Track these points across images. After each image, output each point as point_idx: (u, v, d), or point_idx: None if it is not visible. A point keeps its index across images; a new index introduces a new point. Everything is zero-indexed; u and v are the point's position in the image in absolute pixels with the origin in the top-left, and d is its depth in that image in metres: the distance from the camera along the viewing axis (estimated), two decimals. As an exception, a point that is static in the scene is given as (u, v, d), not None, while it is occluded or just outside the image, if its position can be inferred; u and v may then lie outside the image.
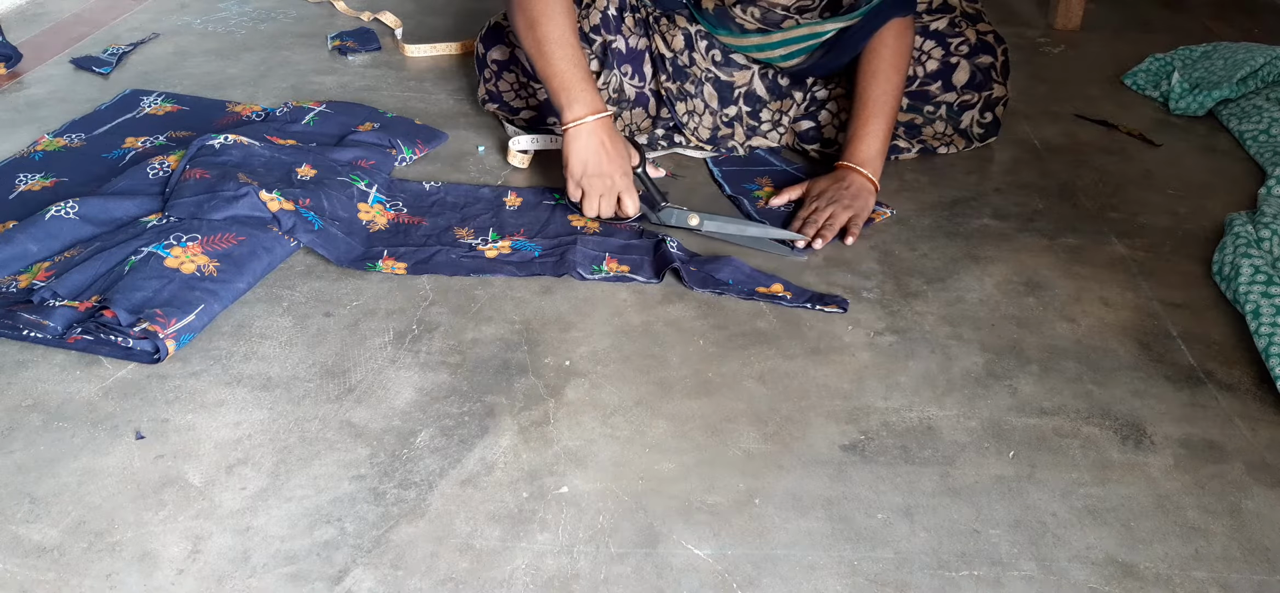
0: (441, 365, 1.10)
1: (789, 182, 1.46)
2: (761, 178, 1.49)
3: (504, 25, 1.54)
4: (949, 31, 1.53)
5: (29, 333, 1.11)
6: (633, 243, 1.31)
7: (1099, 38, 2.09)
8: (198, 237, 1.20)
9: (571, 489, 0.94)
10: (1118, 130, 1.67)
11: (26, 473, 0.95)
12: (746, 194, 1.44)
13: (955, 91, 1.54)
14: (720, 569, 0.86)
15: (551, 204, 1.41)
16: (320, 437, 1.00)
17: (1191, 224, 1.39)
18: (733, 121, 1.56)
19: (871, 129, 1.39)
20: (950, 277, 1.26)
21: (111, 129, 1.60)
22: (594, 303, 1.21)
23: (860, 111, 1.41)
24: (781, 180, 1.47)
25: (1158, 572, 0.86)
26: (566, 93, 1.32)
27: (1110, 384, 1.08)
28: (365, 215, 1.35)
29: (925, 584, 0.85)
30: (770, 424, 1.02)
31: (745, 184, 1.46)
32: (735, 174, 1.49)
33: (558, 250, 1.29)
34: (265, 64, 1.90)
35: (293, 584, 0.84)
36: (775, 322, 1.18)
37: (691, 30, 1.53)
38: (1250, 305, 1.16)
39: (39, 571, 0.85)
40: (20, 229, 1.23)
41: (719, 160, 1.54)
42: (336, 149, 1.47)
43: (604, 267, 1.26)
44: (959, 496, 0.94)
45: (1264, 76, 1.71)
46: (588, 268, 1.25)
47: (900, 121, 1.54)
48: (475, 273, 1.24)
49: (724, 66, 1.54)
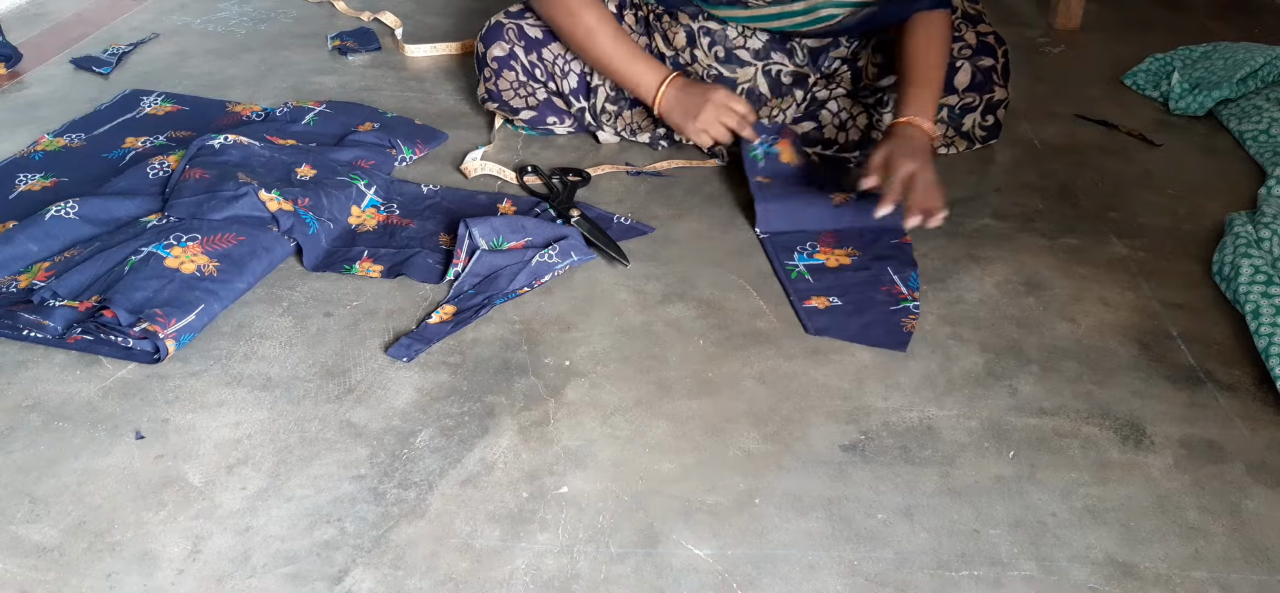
0: (441, 366, 1.10)
1: (835, 240, 1.32)
2: (810, 243, 1.32)
3: (505, 23, 1.54)
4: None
5: (29, 333, 1.11)
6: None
7: (1099, 38, 2.09)
8: (198, 237, 1.20)
9: (571, 489, 0.94)
10: (1118, 130, 1.67)
11: (26, 473, 0.95)
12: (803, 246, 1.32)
13: (957, 94, 1.54)
14: (720, 569, 0.86)
15: (543, 214, 1.38)
16: (320, 437, 1.00)
17: (1191, 224, 1.39)
18: None
19: (926, 93, 1.38)
20: (950, 277, 1.26)
21: (111, 129, 1.60)
22: (594, 303, 1.21)
23: (913, 80, 1.39)
24: (831, 240, 1.32)
25: (1158, 572, 0.86)
26: (632, 83, 1.48)
27: (1110, 384, 1.08)
28: (355, 218, 1.35)
29: (925, 584, 0.85)
30: (770, 424, 1.02)
31: (797, 255, 1.29)
32: (786, 245, 1.31)
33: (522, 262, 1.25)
34: (265, 64, 1.90)
35: (293, 584, 0.84)
36: (775, 322, 1.18)
37: (694, 27, 1.53)
38: (1250, 305, 1.16)
39: (39, 571, 0.85)
40: (20, 229, 1.23)
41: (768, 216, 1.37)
42: (336, 149, 1.47)
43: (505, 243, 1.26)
44: (959, 496, 0.94)
45: (1264, 76, 1.71)
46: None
47: None
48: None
49: (727, 63, 1.54)
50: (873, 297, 1.20)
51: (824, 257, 1.27)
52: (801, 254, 1.28)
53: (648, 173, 1.50)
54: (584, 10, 1.45)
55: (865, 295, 1.20)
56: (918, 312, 1.17)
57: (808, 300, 1.19)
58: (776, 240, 1.31)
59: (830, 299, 1.20)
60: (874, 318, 1.16)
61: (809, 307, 1.18)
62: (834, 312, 1.18)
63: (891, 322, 1.16)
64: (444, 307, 1.17)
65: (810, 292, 1.21)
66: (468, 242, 1.25)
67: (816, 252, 1.28)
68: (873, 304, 1.19)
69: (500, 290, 1.20)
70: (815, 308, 1.18)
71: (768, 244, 1.31)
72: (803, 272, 1.25)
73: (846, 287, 1.22)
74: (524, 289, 1.21)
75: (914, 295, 1.21)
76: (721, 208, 1.42)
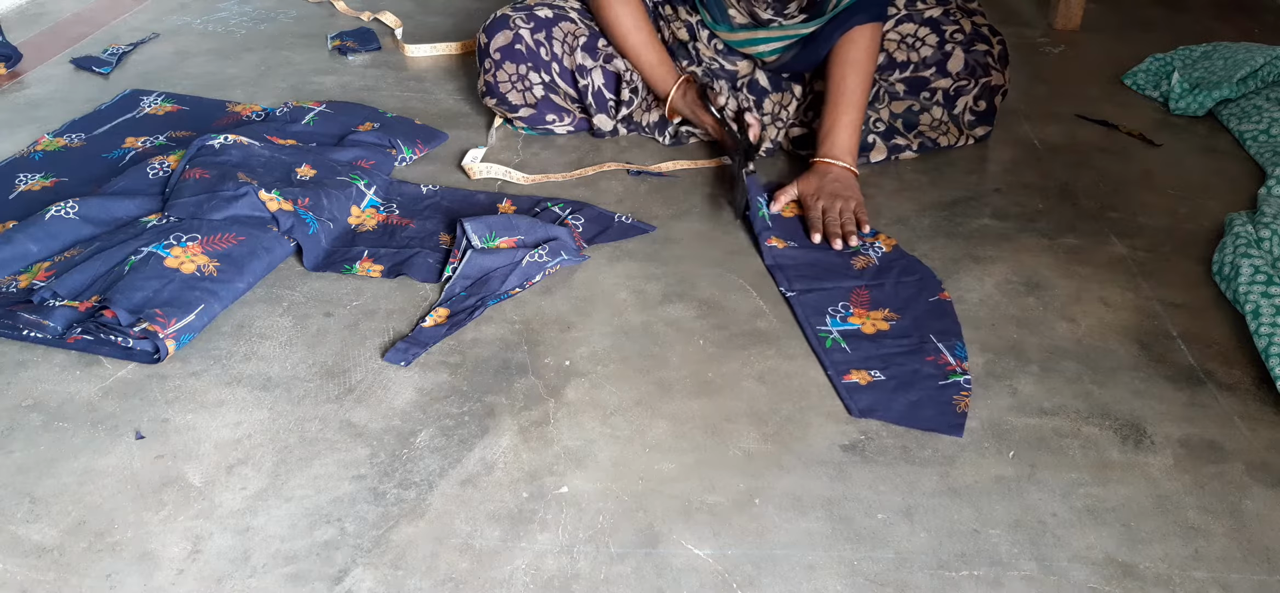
0: (441, 366, 1.10)
1: (868, 299, 1.23)
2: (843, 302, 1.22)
3: (510, 14, 1.55)
4: (943, 19, 1.54)
5: (29, 333, 1.11)
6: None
7: (1099, 38, 2.09)
8: (198, 236, 1.20)
9: (571, 489, 0.94)
10: (1118, 130, 1.67)
11: (26, 473, 0.95)
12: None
13: (950, 78, 1.55)
14: (720, 569, 0.86)
15: (545, 209, 1.38)
16: (320, 437, 1.00)
17: (1191, 224, 1.39)
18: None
19: (844, 122, 1.44)
20: (950, 277, 1.26)
21: (111, 129, 1.60)
22: (594, 303, 1.21)
23: (832, 106, 1.45)
24: (864, 299, 1.23)
25: (1158, 572, 0.86)
26: (657, 82, 1.56)
27: (1110, 384, 1.08)
28: (355, 218, 1.35)
29: (925, 584, 0.85)
30: (770, 424, 1.02)
31: (830, 319, 1.18)
32: (816, 307, 1.21)
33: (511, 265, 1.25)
34: (265, 64, 1.90)
35: (293, 584, 0.84)
36: (775, 322, 1.18)
37: (693, 21, 1.57)
38: (1250, 305, 1.16)
39: (39, 571, 0.85)
40: (20, 229, 1.23)
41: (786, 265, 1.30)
42: (336, 149, 1.47)
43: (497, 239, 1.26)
44: (959, 496, 0.94)
45: (1264, 76, 1.71)
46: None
47: (897, 113, 1.55)
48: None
49: (726, 55, 1.58)
50: (918, 370, 1.09)
51: (858, 320, 1.17)
52: (834, 318, 1.17)
53: (648, 173, 1.50)
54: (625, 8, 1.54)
55: (909, 368, 1.09)
56: (969, 387, 1.07)
57: (847, 375, 1.08)
58: (805, 302, 1.20)
59: (872, 373, 1.08)
60: (922, 395, 1.05)
61: (849, 382, 1.07)
62: (877, 388, 1.06)
63: (942, 399, 1.05)
64: (437, 309, 1.17)
65: (848, 364, 1.10)
66: (464, 241, 1.25)
67: (851, 315, 1.18)
68: (919, 379, 1.08)
69: (492, 291, 1.20)
70: (857, 384, 1.07)
71: (796, 307, 1.19)
72: (837, 340, 1.14)
73: (888, 358, 1.11)
74: (516, 290, 1.21)
75: (963, 366, 1.09)
76: (722, 208, 1.42)
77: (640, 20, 1.54)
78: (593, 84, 1.57)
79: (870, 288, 1.24)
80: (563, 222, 1.34)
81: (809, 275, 1.26)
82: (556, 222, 1.34)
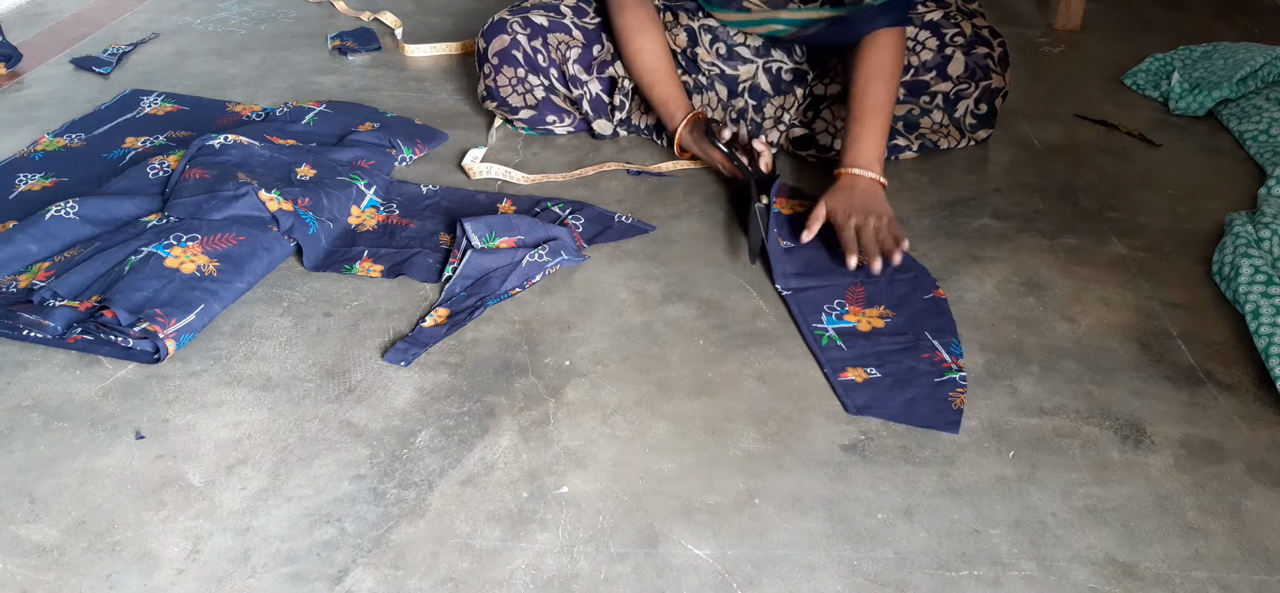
0: (441, 366, 1.10)
1: (864, 296, 1.23)
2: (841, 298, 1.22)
3: (507, 18, 1.55)
4: (944, 22, 1.54)
5: (29, 333, 1.11)
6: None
7: (1099, 38, 2.09)
8: (198, 236, 1.20)
9: (571, 489, 0.94)
10: (1118, 130, 1.67)
11: (26, 473, 0.95)
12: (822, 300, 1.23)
13: (951, 81, 1.54)
14: (720, 569, 0.86)
15: (545, 209, 1.39)
16: (320, 437, 1.00)
17: (1191, 224, 1.39)
18: (739, 117, 1.56)
19: (870, 131, 1.38)
20: (950, 277, 1.26)
21: (111, 129, 1.60)
22: (594, 303, 1.21)
23: (858, 116, 1.39)
24: (860, 296, 1.23)
25: (1158, 572, 0.86)
26: (666, 118, 1.53)
27: (1110, 384, 1.08)
28: (355, 218, 1.35)
29: (925, 584, 0.85)
30: (770, 424, 1.02)
31: (826, 317, 1.18)
32: (813, 304, 1.21)
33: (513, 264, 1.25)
34: (265, 64, 1.90)
35: (293, 584, 0.84)
36: (775, 322, 1.18)
37: (694, 26, 1.55)
38: (1250, 305, 1.16)
39: (39, 571, 0.85)
40: (20, 229, 1.23)
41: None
42: (336, 149, 1.47)
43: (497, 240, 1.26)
44: (959, 496, 0.94)
45: (1264, 76, 1.71)
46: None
47: (898, 115, 1.55)
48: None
49: (728, 60, 1.56)
50: (914, 367, 1.09)
51: (854, 318, 1.17)
52: (830, 316, 1.18)
53: (648, 173, 1.50)
54: (645, 34, 1.52)
55: (905, 365, 1.10)
56: (965, 384, 1.07)
57: (843, 372, 1.09)
58: (802, 300, 1.20)
59: (867, 371, 1.09)
60: (918, 393, 1.06)
61: (845, 380, 1.07)
62: (874, 386, 1.07)
63: (938, 396, 1.05)
64: (438, 309, 1.17)
65: (844, 362, 1.10)
66: (464, 241, 1.25)
67: (846, 313, 1.18)
68: (915, 376, 1.08)
69: (492, 291, 1.20)
70: (853, 382, 1.07)
71: (793, 305, 1.20)
72: (833, 337, 1.14)
73: (883, 355, 1.11)
74: (516, 290, 1.21)
75: (959, 364, 1.10)
76: (721, 208, 1.42)
77: (661, 55, 1.52)
78: (588, 93, 1.57)
79: (866, 285, 1.24)
80: (563, 222, 1.34)
81: (805, 273, 1.26)
82: (556, 222, 1.34)
